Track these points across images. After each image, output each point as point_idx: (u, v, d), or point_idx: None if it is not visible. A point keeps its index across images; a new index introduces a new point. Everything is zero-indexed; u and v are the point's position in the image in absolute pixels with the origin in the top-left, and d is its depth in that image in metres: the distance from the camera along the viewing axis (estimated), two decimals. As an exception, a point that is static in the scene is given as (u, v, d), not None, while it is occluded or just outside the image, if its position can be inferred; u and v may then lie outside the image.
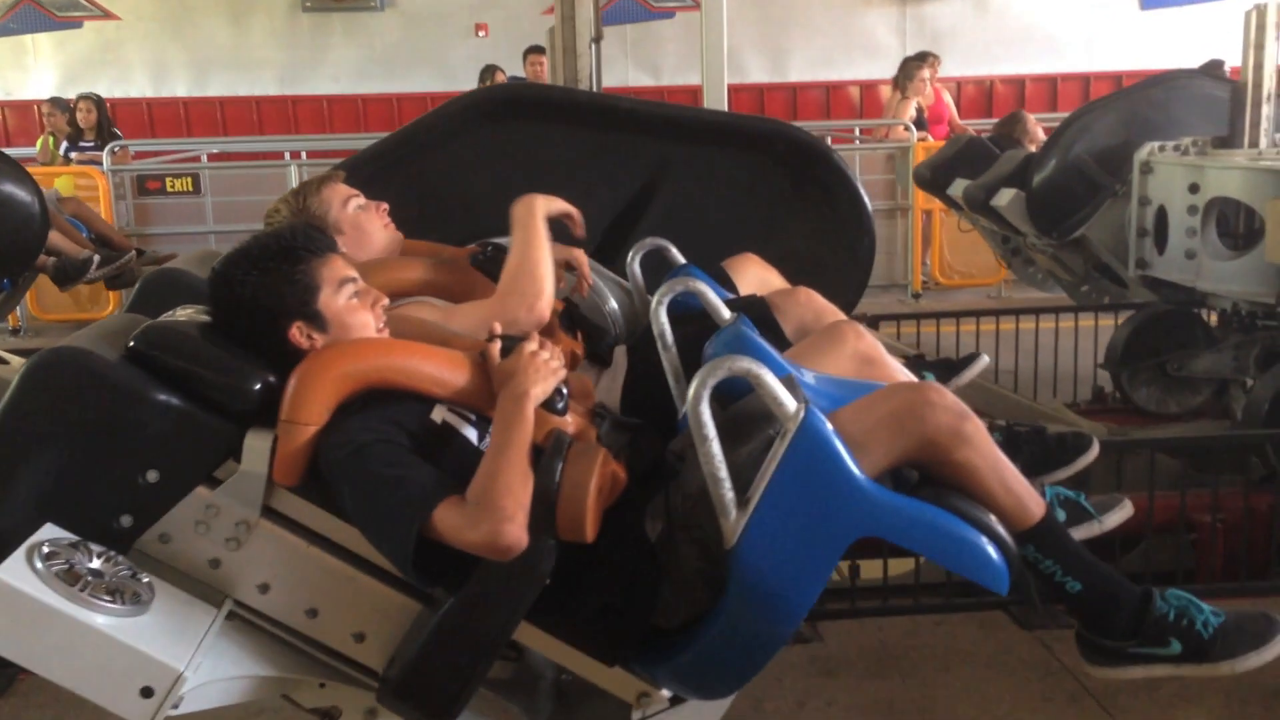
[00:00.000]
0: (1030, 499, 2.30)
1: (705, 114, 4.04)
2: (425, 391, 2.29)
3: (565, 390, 2.33)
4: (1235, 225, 5.27)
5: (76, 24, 17.83)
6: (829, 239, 3.72)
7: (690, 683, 2.34)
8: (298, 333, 2.31)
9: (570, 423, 2.34)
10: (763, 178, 3.71)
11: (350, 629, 2.31)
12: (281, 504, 2.28)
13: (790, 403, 2.14)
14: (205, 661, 2.13)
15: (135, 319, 2.39)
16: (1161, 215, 5.31)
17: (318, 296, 2.33)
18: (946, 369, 3.36)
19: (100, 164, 10.10)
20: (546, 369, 2.27)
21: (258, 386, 2.23)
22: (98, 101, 11.13)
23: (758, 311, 2.93)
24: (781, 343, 2.86)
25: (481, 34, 17.13)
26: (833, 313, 2.96)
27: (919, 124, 10.53)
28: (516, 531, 2.06)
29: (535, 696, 2.64)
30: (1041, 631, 4.11)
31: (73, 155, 10.76)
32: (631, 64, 18.72)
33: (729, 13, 13.79)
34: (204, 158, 11.69)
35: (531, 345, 2.31)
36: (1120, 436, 4.68)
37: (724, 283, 3.29)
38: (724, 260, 3.36)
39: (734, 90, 14.66)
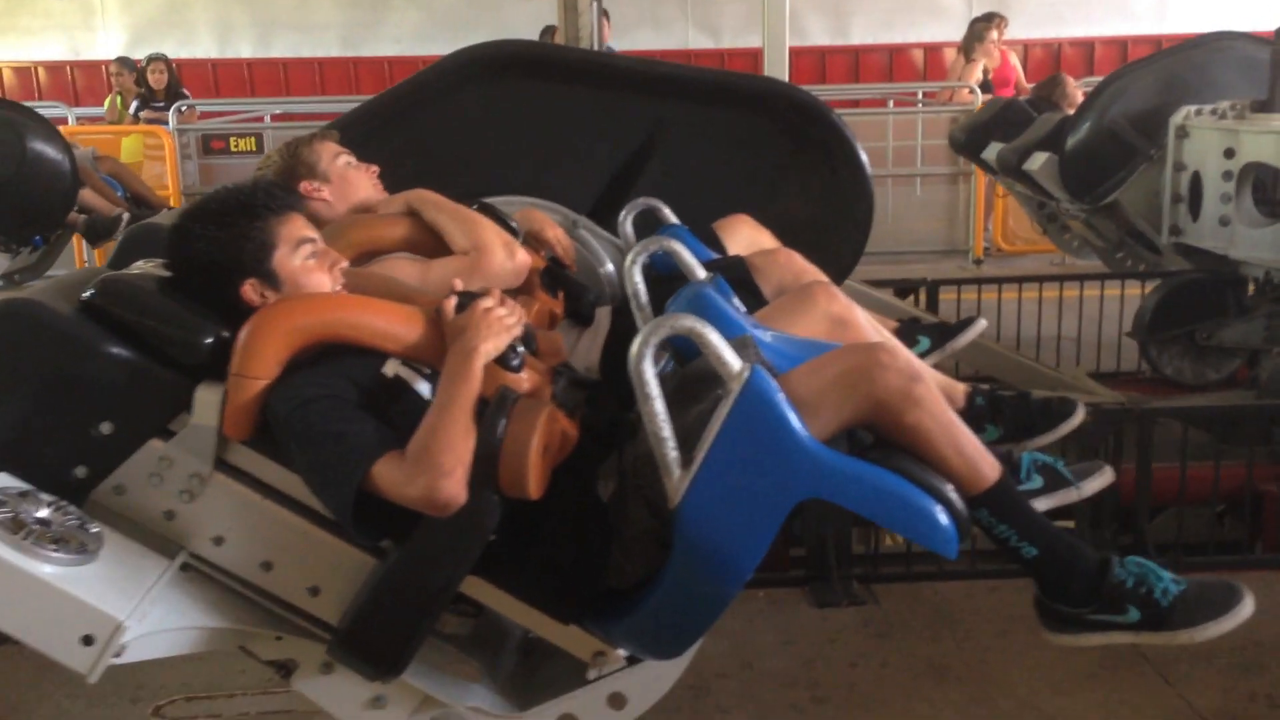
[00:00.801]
0: (984, 462, 2.25)
1: (703, 72, 3.99)
2: (378, 346, 2.29)
3: (520, 347, 2.32)
4: (1273, 192, 5.13)
5: (144, -16, 18.08)
6: (828, 202, 3.67)
7: (641, 641, 2.33)
8: (251, 290, 2.33)
9: (525, 379, 2.34)
10: (762, 138, 3.67)
11: (305, 582, 2.33)
12: (236, 457, 2.30)
13: (735, 362, 2.12)
14: (154, 611, 2.16)
15: (95, 272, 2.42)
16: (1196, 181, 5.18)
17: (273, 254, 2.34)
18: (942, 333, 3.32)
19: (167, 124, 10.24)
20: (500, 325, 2.26)
21: (209, 340, 2.24)
22: (168, 63, 11.30)
23: (736, 272, 2.91)
24: (759, 304, 2.84)
25: (542, -7, 17.14)
26: (813, 274, 2.93)
27: (984, 87, 10.32)
28: (453, 487, 2.07)
29: (500, 653, 2.65)
30: None
31: (142, 115, 10.93)
32: (691, 25, 18.64)
33: (791, -26, 13.66)
34: (267, 118, 11.82)
35: (487, 301, 2.30)
36: (1137, 404, 4.57)
37: (714, 244, 3.27)
38: (716, 221, 3.33)
39: (795, 53, 14.62)
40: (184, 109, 10.69)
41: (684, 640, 2.30)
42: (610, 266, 3.51)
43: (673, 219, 3.36)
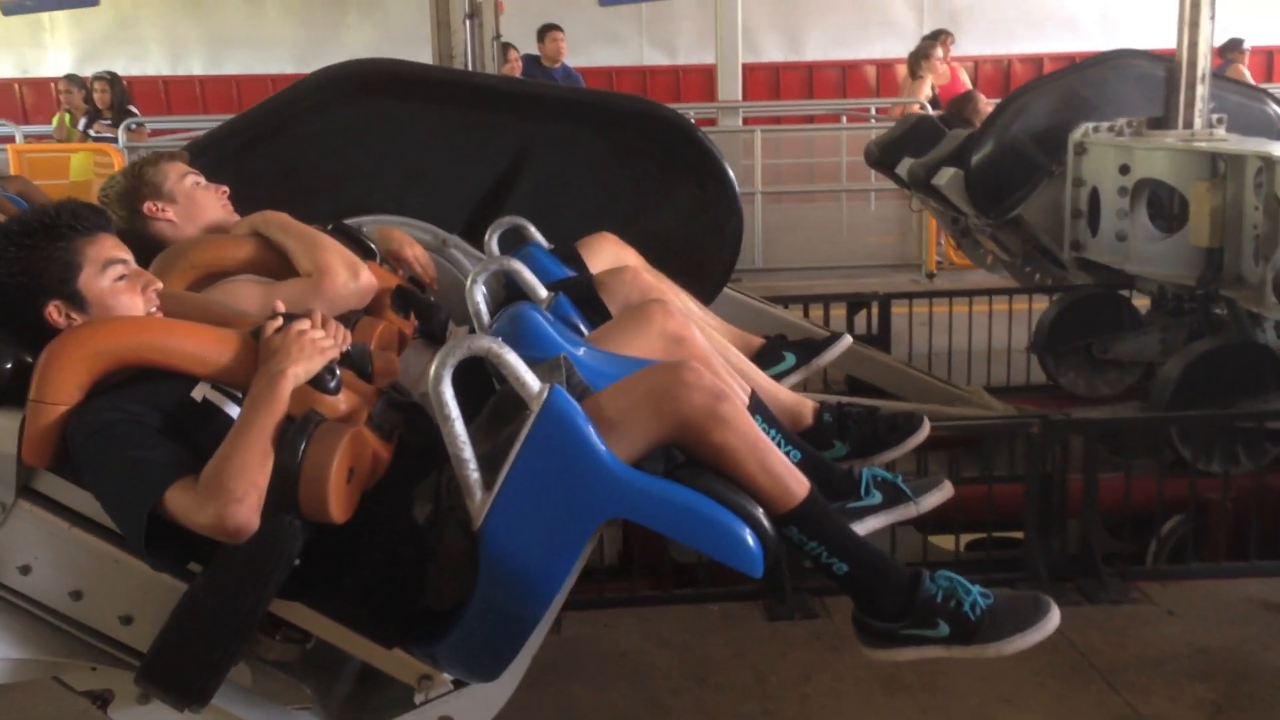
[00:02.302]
0: (791, 480, 2.26)
1: (568, 91, 4.01)
2: (187, 370, 2.26)
3: (337, 370, 2.31)
4: (1170, 207, 5.18)
5: (93, 1, 18.02)
6: (697, 220, 3.68)
7: (459, 664, 2.32)
8: (55, 311, 2.28)
9: (341, 401, 2.33)
10: (631, 157, 3.67)
11: (117, 611, 2.30)
12: (43, 485, 2.27)
13: (533, 383, 2.12)
14: (-57, 643, 2.14)
15: None
16: (1095, 197, 5.24)
17: (78, 275, 2.29)
18: (808, 350, 3.33)
19: (116, 141, 10.20)
20: (313, 348, 2.24)
21: (7, 365, 2.21)
22: (112, 80, 11.28)
23: (582, 291, 2.91)
24: (605, 321, 2.85)
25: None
26: (658, 291, 2.93)
27: (934, 104, 10.39)
28: (245, 513, 2.04)
29: (336, 679, 2.63)
30: None
31: (90, 132, 10.89)
32: (646, 42, 18.71)
33: (745, -10, 13.66)
34: (219, 136, 11.74)
35: (302, 324, 2.28)
36: (1021, 416, 4.61)
37: (576, 262, 3.27)
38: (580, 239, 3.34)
39: (749, 69, 14.67)
40: (133, 126, 10.65)
41: (498, 662, 2.29)
42: (484, 287, 3.51)
43: (538, 237, 3.36)
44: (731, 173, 3.70)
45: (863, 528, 2.66)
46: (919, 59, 10.45)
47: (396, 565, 2.27)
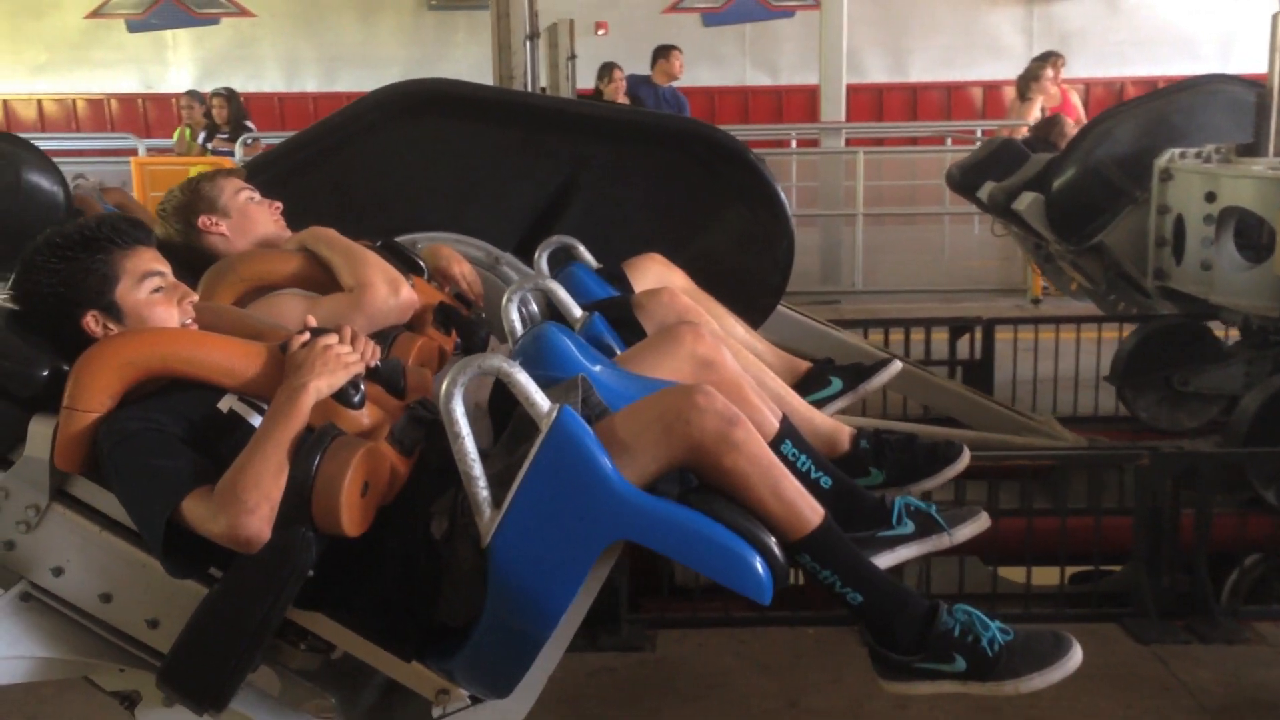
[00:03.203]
0: (805, 506, 2.23)
1: (622, 112, 4.02)
2: (215, 381, 2.32)
3: (361, 384, 2.35)
4: (1258, 236, 5.03)
5: (214, 20, 18.60)
6: (747, 242, 3.67)
7: (472, 679, 2.32)
8: (92, 321, 2.36)
9: (365, 416, 2.36)
10: (682, 179, 3.68)
11: (144, 615, 2.36)
12: (76, 489, 2.35)
13: (543, 403, 2.13)
14: (-19, 641, 2.21)
15: None
16: (1180, 224, 5.10)
17: (116, 287, 2.37)
18: (855, 375, 3.29)
19: (233, 155, 10.51)
20: (337, 363, 2.28)
21: (45, 373, 2.29)
22: (229, 96, 11.65)
23: (619, 311, 2.92)
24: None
25: (601, 32, 17.31)
26: (695, 313, 2.92)
27: (1045, 128, 10.22)
28: (256, 524, 2.08)
29: (362, 689, 2.66)
30: (1158, 646, 4.06)
31: (209, 146, 11.23)
32: (749, 63, 18.70)
33: (849, 11, 13.67)
34: (329, 151, 12.05)
35: (329, 338, 2.32)
36: (1096, 449, 4.50)
37: (621, 283, 3.27)
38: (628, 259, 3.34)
39: (852, 90, 14.60)
40: (249, 141, 10.97)
41: (509, 679, 2.29)
42: (535, 306, 3.53)
43: (587, 256, 3.37)
44: (783, 195, 3.69)
45: (894, 557, 2.62)
46: (1029, 81, 10.25)
47: (412, 580, 2.30)
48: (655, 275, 3.29)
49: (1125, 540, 4.30)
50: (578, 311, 2.83)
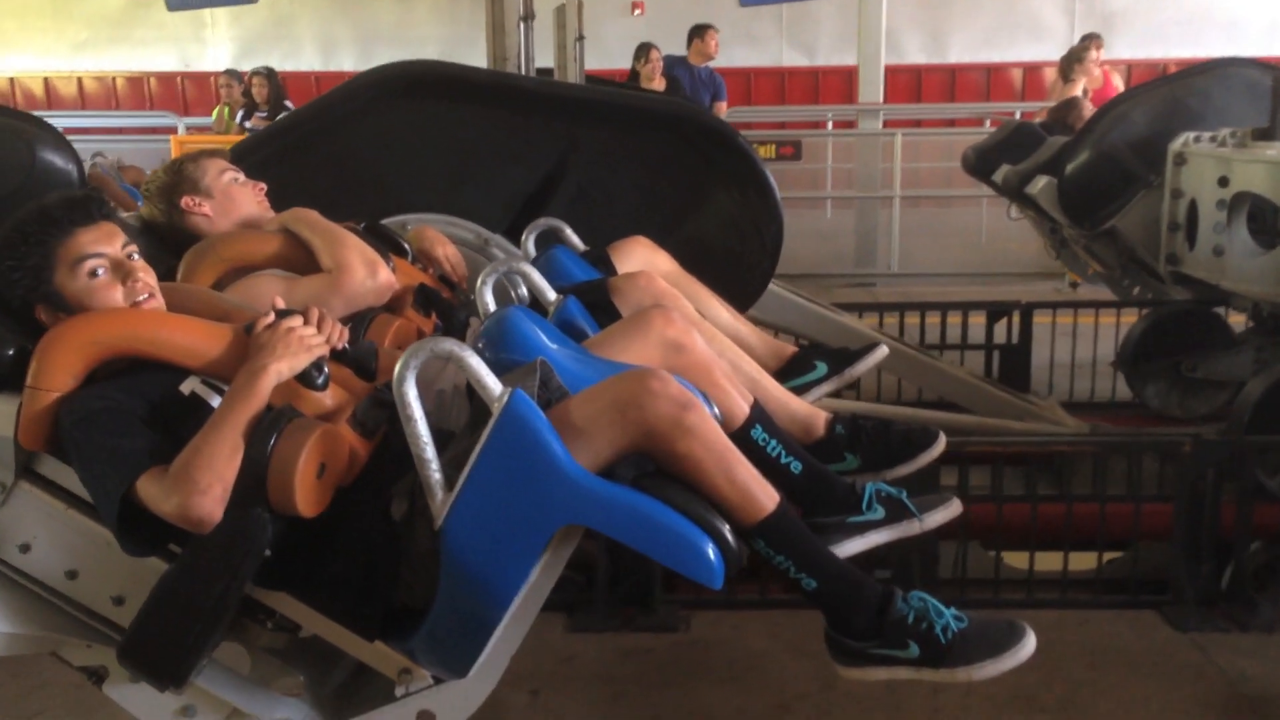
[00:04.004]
0: (760, 492, 2.23)
1: (611, 94, 4.00)
2: (178, 362, 2.34)
3: (325, 366, 2.36)
4: (1272, 221, 4.96)
5: (251, -1, 18.67)
6: (737, 226, 3.65)
7: (429, 660, 2.35)
8: (42, 313, 2.38)
9: (328, 398, 2.38)
10: (672, 161, 3.67)
11: (109, 592, 2.39)
12: (44, 467, 2.38)
13: (495, 386, 2.13)
14: (-60, 615, 2.25)
15: None
16: (1193, 209, 5.04)
17: (52, 277, 2.36)
18: (840, 359, 3.28)
19: (272, 133, 10.58)
20: (299, 345, 2.29)
21: (9, 353, 2.33)
22: (268, 75, 11.70)
23: (596, 295, 2.91)
24: (617, 327, 2.84)
25: (637, 12, 17.29)
26: (671, 297, 2.92)
27: (1086, 110, 10.08)
28: (208, 505, 2.10)
29: (332, 668, 2.68)
30: (1197, 634, 4.07)
31: (247, 125, 11.30)
32: (786, 43, 18.59)
33: (888, -10, 13.50)
34: (369, 129, 12.11)
35: (291, 321, 2.34)
36: (1097, 436, 4.47)
37: (606, 266, 3.27)
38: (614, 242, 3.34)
39: (890, 71, 14.50)
40: (287, 119, 11.02)
41: (465, 659, 2.30)
42: (525, 290, 3.54)
43: (574, 239, 3.37)
44: (772, 179, 3.67)
45: (863, 543, 2.62)
46: (1072, 62, 10.08)
47: (372, 560, 2.31)
48: (640, 258, 3.28)
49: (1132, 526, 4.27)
50: (552, 295, 2.83)
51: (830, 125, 15.61)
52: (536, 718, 3.80)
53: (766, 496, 2.24)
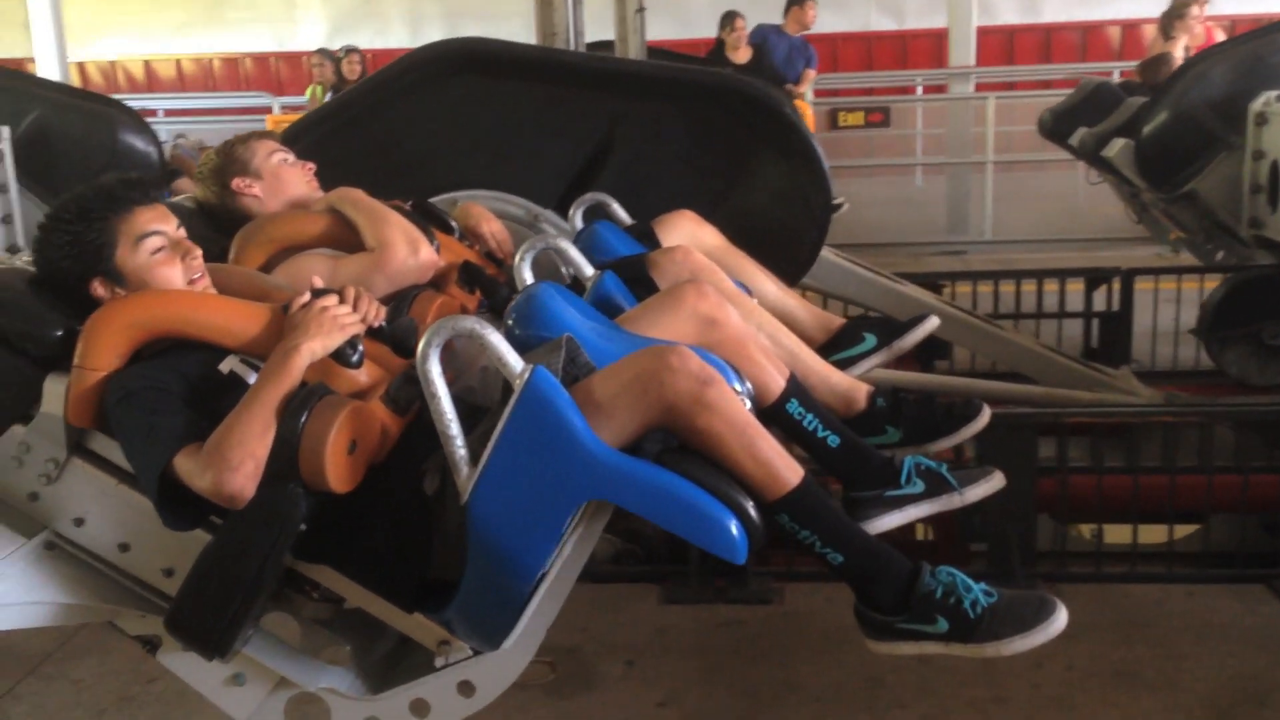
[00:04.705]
0: (783, 467, 2.23)
1: (654, 67, 3.98)
2: (217, 342, 2.40)
3: (360, 345, 2.41)
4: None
5: (343, -22, 18.94)
6: (784, 197, 3.62)
7: (464, 632, 2.39)
8: (99, 287, 2.46)
9: (362, 375, 2.42)
10: (718, 133, 3.64)
11: (160, 564, 2.46)
12: (95, 444, 2.45)
13: (516, 364, 2.15)
14: (-1, 586, 2.35)
15: None
16: (1275, 170, 4.89)
17: (114, 253, 2.45)
18: (890, 331, 3.25)
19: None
20: (333, 324, 2.34)
21: (59, 333, 2.40)
22: (361, 54, 11.88)
23: (634, 270, 2.92)
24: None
25: (723, -20, 17.15)
26: (710, 271, 2.91)
27: (1187, 69, 9.75)
28: (240, 481, 2.15)
29: (378, 639, 2.74)
30: None
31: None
32: (874, 7, 18.35)
33: (980, -51, 13.23)
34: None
35: (326, 300, 2.39)
36: (1174, 405, 4.37)
37: (650, 240, 3.27)
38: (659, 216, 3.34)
39: (982, 32, 14.24)
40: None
41: (498, 632, 2.33)
42: (577, 261, 3.56)
43: (620, 213, 3.38)
44: (820, 149, 3.63)
45: (902, 517, 2.61)
46: (1172, 18, 9.72)
47: (406, 535, 2.36)
48: (685, 232, 3.28)
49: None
50: (589, 270, 2.84)
51: (920, 90, 15.39)
52: (632, 688, 3.86)
53: (790, 471, 2.24)
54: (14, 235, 5.03)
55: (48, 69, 12.51)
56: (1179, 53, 9.68)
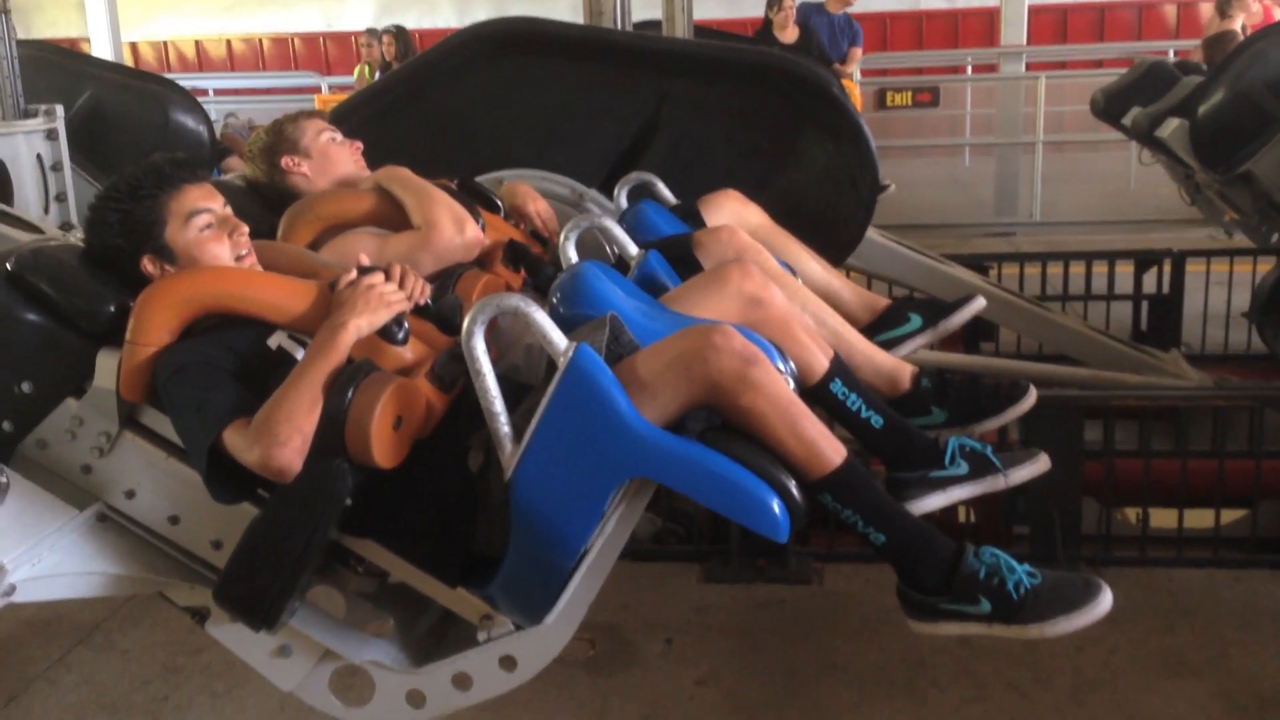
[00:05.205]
0: (827, 446, 2.23)
1: (701, 47, 3.96)
2: (265, 318, 2.43)
3: (405, 322, 2.43)
4: None
5: (390, -42, 18.96)
6: (831, 177, 3.61)
7: (507, 607, 2.41)
8: (149, 264, 2.50)
9: (408, 352, 2.45)
10: (765, 113, 3.64)
11: (209, 536, 2.50)
12: (146, 418, 2.49)
13: (560, 341, 2.17)
14: (51, 556, 2.37)
15: (31, 244, 2.65)
16: (1334, 151, 4.82)
17: (164, 230, 2.50)
18: (935, 311, 3.24)
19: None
20: (379, 301, 2.37)
21: (111, 309, 2.44)
22: (398, 33, 11.92)
23: (680, 250, 2.93)
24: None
25: (771, -42, 17.04)
26: (755, 251, 2.91)
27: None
28: (287, 456, 2.18)
29: (422, 612, 2.77)
30: None
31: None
32: (925, -18, 18.17)
33: (1030, -78, 13.08)
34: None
35: (373, 278, 2.41)
36: (1224, 389, 4.32)
37: (695, 220, 3.28)
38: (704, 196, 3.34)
39: (1034, 11, 14.06)
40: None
41: (540, 607, 2.35)
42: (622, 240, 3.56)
43: (665, 193, 3.39)
44: (868, 129, 3.61)
45: (945, 498, 2.60)
46: (1230, -5, 9.61)
47: (449, 511, 2.38)
48: (730, 212, 3.28)
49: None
50: (634, 249, 2.85)
51: (970, 69, 15.24)
52: (671, 666, 3.87)
53: (833, 451, 2.24)
54: (67, 213, 5.10)
55: (101, 48, 12.64)
56: (1235, 29, 9.55)
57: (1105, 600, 2.23)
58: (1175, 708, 3.47)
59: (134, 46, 18.59)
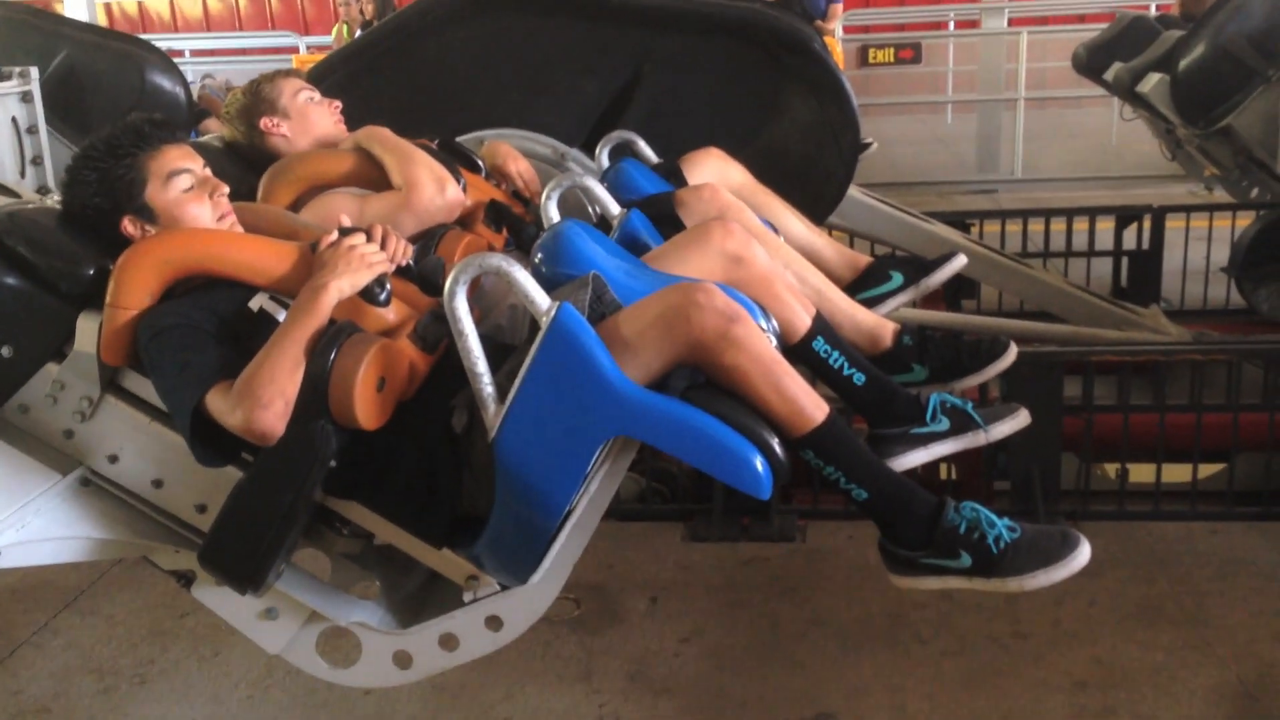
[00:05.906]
0: (809, 403, 2.24)
1: (683, 2, 3.94)
2: (247, 280, 2.42)
3: (387, 283, 2.42)
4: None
5: (370, -87, 18.67)
6: (813, 134, 3.60)
7: (492, 567, 2.42)
8: (129, 225, 2.48)
9: (390, 313, 2.44)
10: (747, 69, 3.62)
11: (193, 500, 2.50)
12: (128, 381, 2.48)
13: (542, 301, 2.16)
14: (35, 521, 2.37)
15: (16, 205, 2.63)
16: (1313, 104, 4.83)
17: (144, 190, 2.47)
18: (917, 269, 3.24)
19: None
20: (360, 262, 2.36)
21: (91, 272, 2.42)
22: None
23: (661, 208, 2.92)
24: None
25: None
26: (736, 209, 2.91)
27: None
28: (270, 419, 2.18)
29: (408, 573, 2.78)
30: None
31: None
32: (907, -61, 18.02)
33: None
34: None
35: (354, 239, 2.40)
36: (1202, 343, 4.34)
37: (677, 178, 3.27)
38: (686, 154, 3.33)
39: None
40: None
41: (526, 566, 2.36)
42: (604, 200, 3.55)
43: (647, 151, 3.38)
44: (849, 86, 3.60)
45: (927, 454, 2.62)
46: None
47: (435, 471, 2.38)
48: (712, 170, 3.27)
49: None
50: (616, 209, 2.84)
51: (952, 25, 15.18)
52: (655, 624, 3.91)
53: (815, 408, 2.24)
54: (44, 176, 5.06)
55: (75, 9, 12.49)
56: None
57: (1084, 553, 2.25)
58: (1153, 657, 3.52)
59: (108, 7, 18.38)
